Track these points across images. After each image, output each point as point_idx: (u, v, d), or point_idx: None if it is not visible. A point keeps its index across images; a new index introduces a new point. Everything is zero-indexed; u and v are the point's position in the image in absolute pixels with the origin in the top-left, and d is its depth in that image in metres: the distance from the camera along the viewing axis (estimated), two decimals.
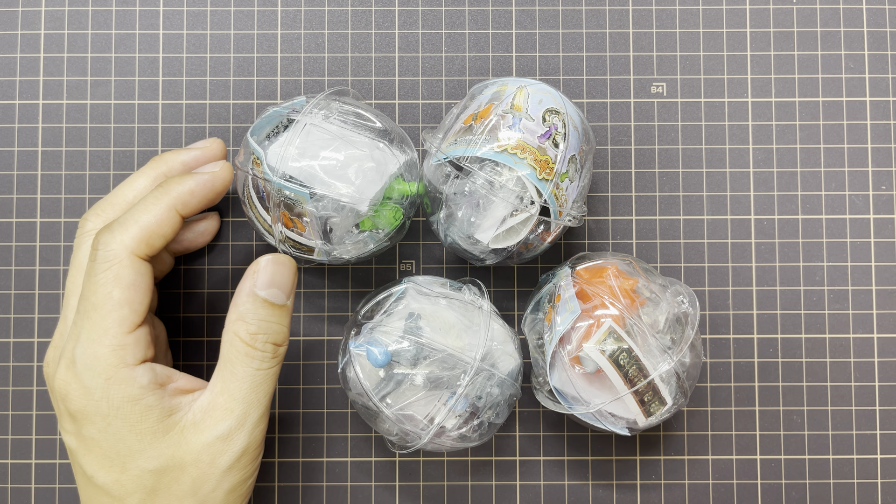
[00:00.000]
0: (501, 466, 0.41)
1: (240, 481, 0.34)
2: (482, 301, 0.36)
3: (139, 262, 0.33)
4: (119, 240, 0.33)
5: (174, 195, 0.34)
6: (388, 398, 0.34)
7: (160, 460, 0.33)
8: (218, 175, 0.36)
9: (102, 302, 0.33)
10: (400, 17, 0.42)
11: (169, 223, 0.34)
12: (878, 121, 0.42)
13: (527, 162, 0.33)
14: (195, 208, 0.35)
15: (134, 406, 0.32)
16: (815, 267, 0.41)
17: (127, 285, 0.33)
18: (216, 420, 0.33)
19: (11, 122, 0.41)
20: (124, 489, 0.33)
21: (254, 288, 0.34)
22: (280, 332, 0.34)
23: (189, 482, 0.33)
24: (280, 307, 0.34)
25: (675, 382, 0.35)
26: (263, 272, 0.34)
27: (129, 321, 0.33)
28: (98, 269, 0.33)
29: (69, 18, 0.42)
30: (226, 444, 0.33)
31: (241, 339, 0.33)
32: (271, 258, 0.34)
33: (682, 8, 0.42)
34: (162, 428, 0.33)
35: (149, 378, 0.33)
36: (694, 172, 0.41)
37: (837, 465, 0.41)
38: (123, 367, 0.32)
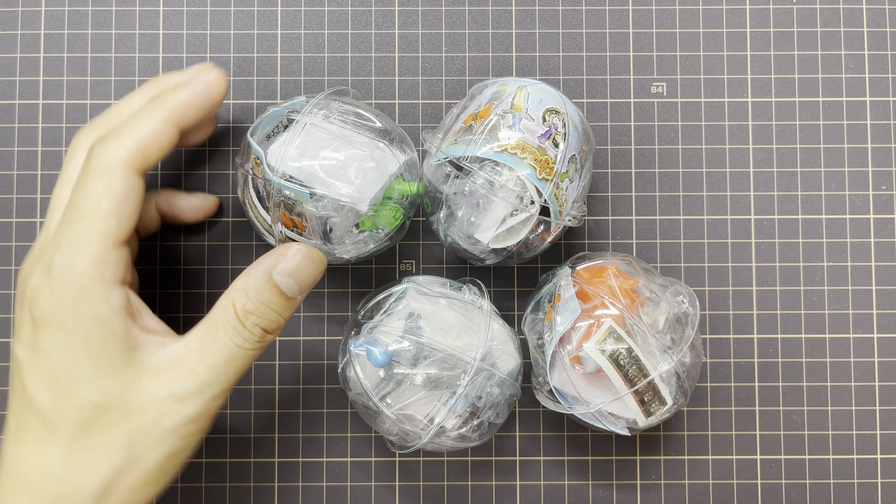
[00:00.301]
0: (501, 466, 0.41)
1: (178, 449, 0.32)
2: (482, 301, 0.36)
3: (133, 175, 0.32)
4: (113, 150, 0.32)
5: (170, 107, 0.33)
6: (388, 398, 0.34)
7: (107, 395, 0.31)
8: (213, 83, 0.34)
9: (90, 211, 0.31)
10: (400, 17, 0.42)
11: (165, 135, 0.33)
12: (878, 121, 0.42)
13: (527, 162, 0.33)
14: (192, 119, 0.34)
15: (99, 327, 0.31)
16: (815, 267, 0.41)
17: (118, 198, 0.31)
18: (178, 377, 0.31)
19: (11, 122, 0.41)
20: (60, 416, 0.31)
21: (272, 269, 0.32)
22: (275, 321, 0.33)
23: (127, 431, 0.31)
24: (288, 299, 0.33)
25: (675, 382, 0.35)
26: (289, 260, 0.32)
27: (114, 235, 0.31)
28: (90, 177, 0.32)
29: (69, 18, 0.42)
30: (178, 405, 0.31)
31: (234, 310, 0.32)
32: (304, 249, 0.33)
33: (682, 8, 0.42)
34: (120, 360, 0.31)
35: (122, 302, 0.31)
36: (694, 172, 0.41)
37: (837, 465, 0.41)
38: (100, 282, 0.31)
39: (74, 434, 0.31)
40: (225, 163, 0.41)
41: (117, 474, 0.31)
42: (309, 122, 0.35)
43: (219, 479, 0.40)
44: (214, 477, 0.40)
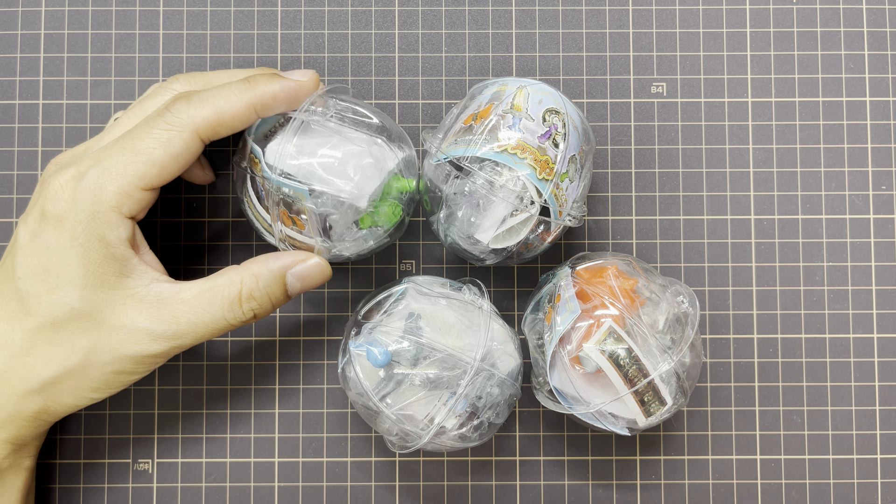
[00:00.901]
0: (501, 466, 0.41)
1: (128, 371, 0.34)
2: (482, 301, 0.36)
3: (197, 141, 0.34)
4: (190, 113, 0.33)
5: (258, 93, 0.34)
6: (388, 398, 0.34)
7: (87, 305, 0.33)
8: (304, 85, 0.35)
9: (142, 151, 0.33)
10: (400, 17, 0.42)
11: (242, 117, 0.34)
12: (878, 121, 0.42)
13: (527, 162, 0.33)
14: (273, 111, 0.35)
15: (102, 248, 0.33)
16: (815, 267, 0.41)
17: (172, 154, 0.33)
18: (159, 317, 0.34)
19: (11, 122, 0.41)
20: (38, 306, 0.33)
21: (288, 269, 0.35)
22: (268, 311, 0.35)
23: (92, 341, 0.33)
24: (286, 297, 0.36)
25: (675, 382, 0.35)
26: (307, 268, 0.35)
27: (150, 181, 0.33)
28: (158, 125, 0.33)
29: (69, 18, 0.42)
30: (148, 340, 0.34)
31: (240, 290, 0.34)
32: (322, 263, 0.35)
33: (682, 8, 0.42)
34: (112, 281, 0.33)
35: (129, 234, 0.33)
36: (694, 172, 0.41)
37: (837, 465, 0.41)
38: (117, 212, 0.33)
39: (44, 325, 0.33)
40: (224, 163, 0.41)
41: (68, 373, 0.34)
42: (306, 119, 0.35)
43: (219, 479, 0.40)
44: (214, 477, 0.40)
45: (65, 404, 0.35)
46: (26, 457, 0.36)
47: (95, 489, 0.40)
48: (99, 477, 0.40)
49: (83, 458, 0.40)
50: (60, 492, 0.40)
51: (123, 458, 0.40)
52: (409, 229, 0.41)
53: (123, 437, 0.40)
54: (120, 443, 0.40)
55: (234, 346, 0.41)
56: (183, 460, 0.40)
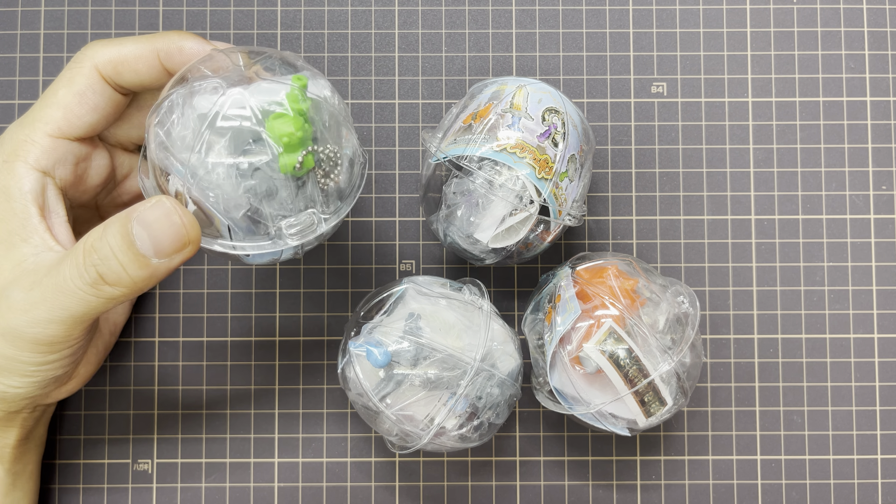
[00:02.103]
0: (501, 467, 0.41)
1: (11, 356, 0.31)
2: (482, 301, 0.36)
3: (99, 79, 0.32)
4: (93, 51, 0.33)
5: (165, 41, 0.33)
6: (388, 398, 0.34)
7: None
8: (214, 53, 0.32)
9: (47, 95, 0.32)
10: (400, 16, 0.42)
11: (146, 61, 0.32)
12: (878, 121, 0.42)
13: (526, 161, 0.33)
14: (179, 66, 0.33)
15: (4, 202, 0.31)
16: (816, 267, 0.41)
17: (74, 91, 0.32)
18: (23, 286, 0.30)
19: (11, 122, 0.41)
20: None
21: (133, 215, 0.29)
22: (115, 272, 0.29)
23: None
24: (136, 255, 0.29)
25: (676, 383, 0.35)
26: (148, 210, 0.29)
27: (57, 125, 0.32)
28: (63, 70, 0.33)
29: (69, 18, 0.42)
30: (9, 312, 0.30)
31: (85, 240, 0.30)
32: (168, 205, 0.29)
33: (682, 8, 0.42)
34: (7, 242, 0.31)
35: (33, 188, 0.31)
36: (694, 172, 0.41)
37: (838, 465, 0.41)
38: (21, 161, 0.31)
39: None
40: None
41: None
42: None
43: (219, 479, 0.40)
44: (214, 477, 0.40)
45: None
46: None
47: (95, 489, 0.40)
48: (99, 477, 0.40)
49: (83, 458, 0.40)
50: (60, 492, 0.40)
51: (123, 458, 0.40)
52: (410, 229, 0.41)
53: (123, 437, 0.40)
54: (120, 443, 0.40)
55: (233, 347, 0.41)
56: (183, 460, 0.40)
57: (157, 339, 0.41)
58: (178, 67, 0.33)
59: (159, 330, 0.41)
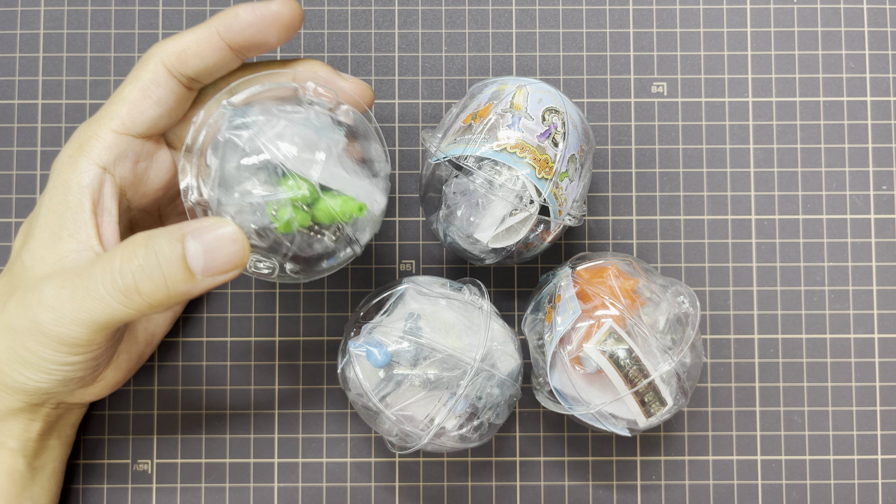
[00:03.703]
0: (501, 467, 0.41)
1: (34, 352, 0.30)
2: (482, 301, 0.36)
3: (164, 71, 0.32)
4: (157, 48, 0.33)
5: (220, 17, 0.33)
6: (388, 398, 0.34)
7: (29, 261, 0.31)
8: (272, 7, 0.32)
9: (115, 94, 0.33)
10: (400, 16, 0.42)
11: (208, 43, 0.32)
12: (878, 120, 0.42)
13: (526, 161, 0.33)
14: (239, 36, 0.32)
15: (62, 194, 0.31)
16: (816, 267, 0.41)
17: (139, 87, 0.32)
18: (60, 285, 0.30)
19: (11, 122, 0.41)
20: (12, 261, 0.33)
21: (186, 231, 0.29)
22: (155, 283, 0.29)
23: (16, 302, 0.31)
24: (184, 272, 0.29)
25: (676, 383, 0.35)
26: (212, 232, 0.29)
27: (122, 121, 0.32)
28: (132, 69, 0.33)
29: (69, 18, 0.42)
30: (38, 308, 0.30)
31: (124, 247, 0.29)
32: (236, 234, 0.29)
33: (682, 7, 0.42)
34: (57, 235, 0.31)
35: (91, 183, 0.31)
36: (694, 172, 0.41)
37: (838, 465, 0.40)
38: (84, 156, 0.32)
39: (7, 280, 0.32)
40: None
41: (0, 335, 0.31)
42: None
43: (219, 479, 0.40)
44: (214, 477, 0.40)
45: (7, 375, 0.31)
46: (8, 436, 0.34)
47: (95, 489, 0.40)
48: (98, 477, 0.40)
49: (83, 458, 0.40)
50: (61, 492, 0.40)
51: (123, 458, 0.40)
52: (410, 229, 0.41)
53: (123, 437, 0.40)
54: (119, 443, 0.40)
55: (233, 347, 0.41)
56: (182, 460, 0.40)
57: None
58: (236, 38, 0.32)
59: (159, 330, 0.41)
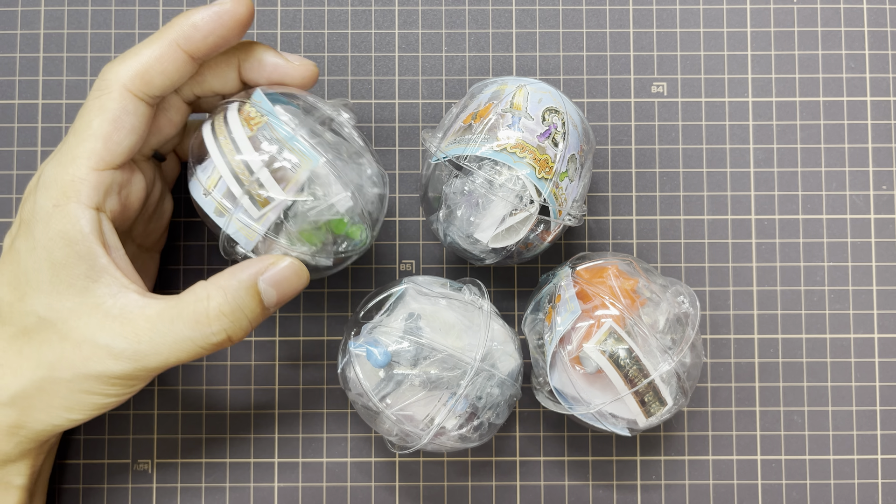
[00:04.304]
0: (501, 467, 0.41)
1: (97, 392, 0.32)
2: (482, 301, 0.36)
3: (130, 97, 0.31)
4: (114, 71, 0.31)
5: (177, 29, 0.32)
6: (388, 398, 0.34)
7: (52, 314, 0.31)
8: (227, 8, 0.32)
9: (81, 128, 0.31)
10: (400, 16, 0.42)
11: (170, 58, 0.32)
12: (878, 120, 0.42)
13: (526, 161, 0.33)
14: (202, 44, 0.32)
15: (65, 246, 0.31)
16: (816, 267, 0.41)
17: (109, 118, 0.31)
18: (121, 334, 0.31)
19: (11, 122, 0.41)
20: (10, 316, 0.32)
21: (259, 275, 0.32)
22: (244, 329, 0.32)
23: (56, 355, 0.31)
24: (263, 309, 0.32)
25: (676, 383, 0.35)
26: (280, 271, 0.32)
27: (100, 157, 0.31)
28: (89, 97, 0.32)
29: (69, 18, 0.42)
30: (109, 358, 0.31)
31: (207, 306, 0.31)
32: (296, 264, 0.32)
33: (682, 7, 0.42)
34: (78, 286, 0.31)
35: (93, 227, 0.31)
36: (694, 172, 0.41)
37: (838, 465, 0.41)
38: (74, 201, 0.31)
39: (16, 334, 0.32)
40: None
41: (36, 388, 0.32)
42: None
43: (219, 478, 0.40)
44: (214, 477, 0.40)
45: (41, 421, 0.32)
46: (16, 475, 0.34)
47: (95, 489, 0.40)
48: (99, 477, 0.40)
49: (83, 458, 0.40)
50: (60, 492, 0.40)
51: (123, 458, 0.40)
52: (410, 229, 0.41)
53: (123, 437, 0.40)
54: (120, 443, 0.40)
55: (233, 347, 0.41)
56: (182, 460, 0.40)
57: None
58: (199, 48, 0.32)
59: None
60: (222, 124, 0.33)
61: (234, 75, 0.34)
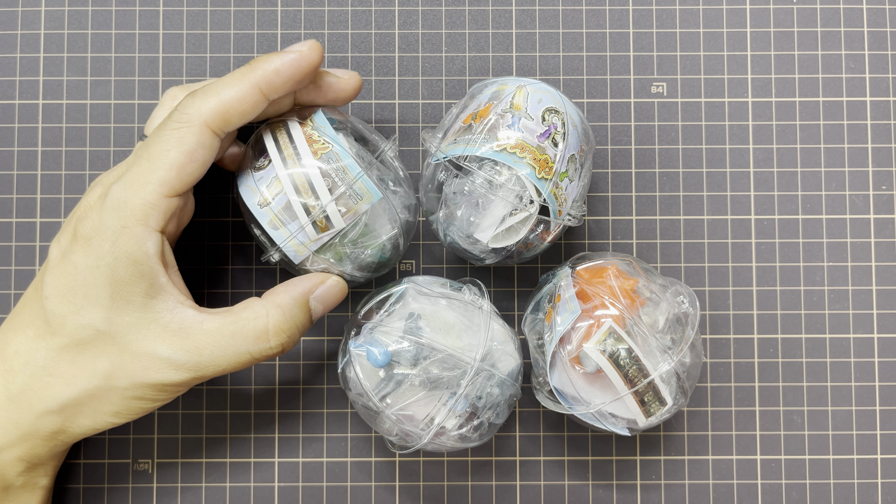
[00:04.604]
0: (501, 467, 0.41)
1: (149, 398, 0.34)
2: (482, 301, 0.36)
3: (209, 133, 0.33)
4: (196, 106, 0.33)
5: (259, 73, 0.33)
6: (388, 398, 0.34)
7: (111, 327, 0.32)
8: (305, 54, 0.34)
9: (157, 156, 0.32)
10: (400, 17, 0.42)
11: (250, 100, 0.33)
12: (878, 121, 0.42)
13: (526, 161, 0.33)
14: (281, 88, 0.34)
15: (129, 265, 0.32)
16: (816, 267, 0.41)
17: (186, 150, 0.32)
18: (181, 347, 0.33)
19: (11, 122, 0.41)
20: (63, 326, 0.33)
21: (310, 294, 0.35)
22: (294, 342, 0.35)
23: (113, 366, 0.33)
24: (310, 322, 0.35)
25: (676, 382, 0.35)
26: (328, 289, 0.35)
27: (172, 186, 0.32)
28: (168, 126, 0.33)
29: (69, 18, 0.42)
30: (168, 369, 0.33)
31: (267, 323, 0.34)
32: (341, 283, 0.35)
33: (682, 8, 0.42)
34: (138, 303, 0.32)
35: (157, 250, 0.33)
36: (694, 172, 0.41)
37: (838, 465, 0.41)
38: (143, 225, 0.32)
39: (68, 345, 0.33)
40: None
41: (88, 396, 0.33)
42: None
43: (219, 478, 0.40)
44: (215, 476, 0.40)
45: (83, 426, 0.34)
46: (42, 476, 0.36)
47: (95, 489, 0.40)
48: (99, 477, 0.40)
49: (83, 458, 0.40)
50: (60, 492, 0.40)
51: (123, 458, 0.40)
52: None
53: (123, 437, 0.40)
54: (120, 443, 0.40)
55: None
56: (183, 460, 0.40)
57: None
58: (279, 91, 0.34)
59: None
60: (287, 140, 0.35)
61: (290, 100, 0.36)
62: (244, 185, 0.35)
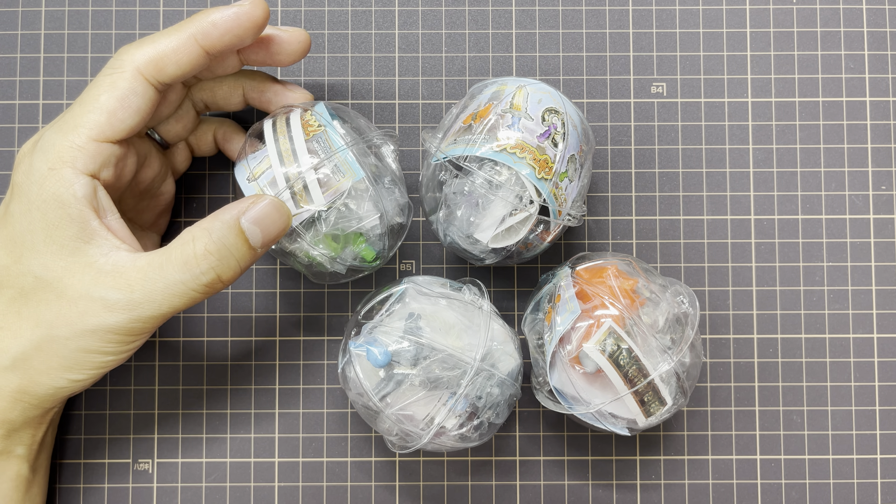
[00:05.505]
0: (501, 466, 0.41)
1: (95, 349, 0.33)
2: (482, 301, 0.36)
3: (141, 80, 0.33)
4: (131, 54, 0.33)
5: (196, 24, 0.33)
6: (388, 398, 0.34)
7: (48, 273, 0.32)
8: (246, 9, 0.34)
9: (87, 100, 0.33)
10: (400, 17, 0.42)
11: (185, 51, 0.33)
12: (877, 121, 0.42)
13: (526, 161, 0.33)
14: (218, 41, 0.34)
15: (58, 208, 0.32)
16: (815, 267, 0.41)
17: (117, 96, 0.33)
18: (114, 286, 0.32)
19: (12, 123, 0.41)
20: (7, 278, 0.33)
21: (241, 215, 0.32)
22: (232, 269, 0.33)
23: (53, 314, 0.32)
24: (249, 248, 0.33)
25: (675, 382, 0.35)
26: (260, 208, 0.32)
27: (101, 130, 0.32)
28: (102, 73, 0.33)
29: (69, 18, 0.42)
30: (104, 311, 0.32)
31: (193, 247, 0.32)
32: (276, 201, 0.33)
33: (682, 8, 0.42)
34: (70, 247, 0.32)
35: (86, 192, 0.32)
36: (694, 172, 0.41)
37: (837, 465, 0.41)
38: (70, 167, 0.32)
39: (14, 297, 0.33)
40: (225, 163, 0.42)
41: (35, 349, 0.33)
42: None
43: (219, 479, 0.40)
44: (214, 477, 0.40)
45: (43, 384, 0.33)
46: (17, 444, 0.35)
47: (95, 489, 0.40)
48: (99, 477, 0.40)
49: (83, 458, 0.40)
50: (60, 492, 0.40)
51: (123, 458, 0.40)
52: (410, 230, 0.41)
53: (123, 437, 0.40)
54: (120, 443, 0.40)
55: (234, 347, 0.41)
56: (183, 460, 0.40)
57: (157, 339, 0.41)
58: (215, 45, 0.34)
59: (160, 330, 0.41)
60: (284, 125, 0.35)
61: (236, 60, 0.36)
62: (238, 165, 0.36)
